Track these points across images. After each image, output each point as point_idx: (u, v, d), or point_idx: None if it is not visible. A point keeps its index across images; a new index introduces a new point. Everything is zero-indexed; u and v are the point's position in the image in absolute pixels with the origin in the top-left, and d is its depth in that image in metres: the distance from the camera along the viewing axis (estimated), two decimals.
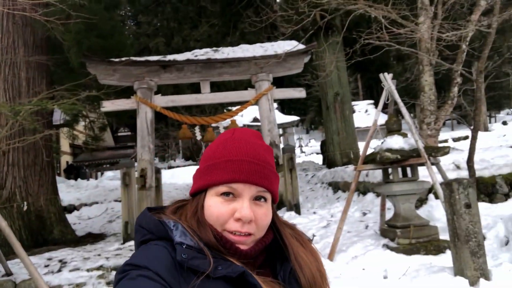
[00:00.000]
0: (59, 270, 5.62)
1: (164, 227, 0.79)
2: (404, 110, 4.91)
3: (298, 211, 7.53)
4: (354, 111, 27.32)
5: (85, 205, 10.86)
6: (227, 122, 11.49)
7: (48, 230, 7.98)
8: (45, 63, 8.50)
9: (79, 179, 16.26)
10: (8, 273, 5.07)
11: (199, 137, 9.65)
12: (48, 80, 8.75)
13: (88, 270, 5.59)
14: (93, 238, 8.28)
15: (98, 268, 5.63)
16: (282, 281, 0.83)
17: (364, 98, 39.91)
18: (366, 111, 33.91)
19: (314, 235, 1.19)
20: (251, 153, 0.83)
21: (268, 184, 0.82)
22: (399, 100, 4.92)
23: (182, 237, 0.78)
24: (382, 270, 4.02)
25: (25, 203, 8.02)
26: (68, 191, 12.01)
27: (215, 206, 0.81)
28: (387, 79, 5.04)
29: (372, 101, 35.07)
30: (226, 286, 0.74)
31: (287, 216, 7.22)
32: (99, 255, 6.21)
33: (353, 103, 29.94)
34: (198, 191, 0.85)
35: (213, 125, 9.46)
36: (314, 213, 7.40)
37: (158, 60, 8.45)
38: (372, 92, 40.08)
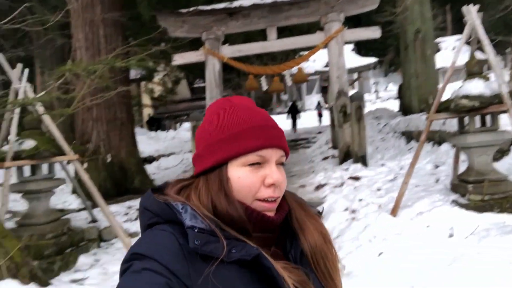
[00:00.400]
0: (136, 218, 6.19)
1: (172, 210, 0.75)
2: (489, 47, 4.26)
3: (365, 163, 7.26)
4: (438, 50, 24.75)
5: (163, 156, 11.63)
6: (294, 69, 11.18)
7: (129, 180, 8.73)
8: (120, 20, 8.84)
9: (159, 131, 17.37)
10: (94, 220, 5.70)
11: (264, 88, 9.58)
12: (122, 37, 9.14)
13: None
14: None
15: None
16: (294, 261, 0.80)
17: (452, 33, 35.83)
18: (454, 48, 30.57)
19: (323, 208, 1.13)
20: (266, 117, 0.82)
21: (287, 147, 0.83)
22: (484, 37, 4.27)
23: (193, 220, 0.73)
24: (448, 228, 3.75)
25: (109, 155, 8.81)
26: (149, 143, 12.91)
27: (245, 176, 0.77)
28: (472, 12, 4.38)
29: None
30: (239, 269, 0.72)
31: (353, 168, 7.01)
32: None
33: (439, 39, 26.94)
34: (215, 166, 0.78)
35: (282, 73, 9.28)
36: (382, 165, 7.07)
37: (224, 7, 8.34)
38: (463, 26, 35.70)
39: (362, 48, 34.89)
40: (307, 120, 20.76)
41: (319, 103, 22.02)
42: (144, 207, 0.79)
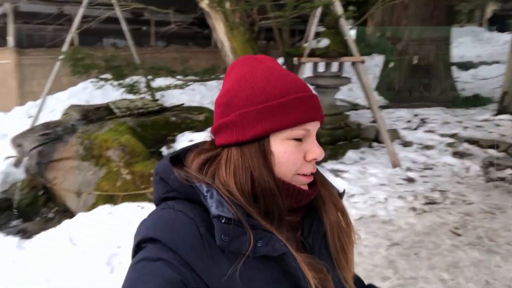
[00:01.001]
0: (416, 128, 6.00)
1: (196, 192, 0.67)
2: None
3: None
4: None
5: (485, 63, 10.01)
6: None
7: (433, 86, 8.26)
8: None
9: (496, 33, 14.66)
10: (375, 121, 5.96)
11: None
12: None
13: (441, 135, 5.65)
14: (473, 102, 7.82)
15: (452, 136, 5.56)
16: (310, 249, 0.76)
17: None
18: None
19: (345, 190, 0.76)
20: (307, 86, 0.74)
21: (323, 118, 0.77)
22: None
23: (219, 208, 0.65)
24: None
25: (416, 57, 8.48)
26: (473, 45, 11.32)
27: (291, 151, 0.70)
28: None
29: None
30: (261, 263, 0.67)
31: None
32: (460, 122, 5.99)
33: None
34: (256, 138, 0.70)
35: None
36: None
37: None
38: None
39: None
40: None
41: None
42: (161, 177, 0.72)
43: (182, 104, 5.74)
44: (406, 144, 5.51)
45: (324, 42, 5.02)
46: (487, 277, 2.67)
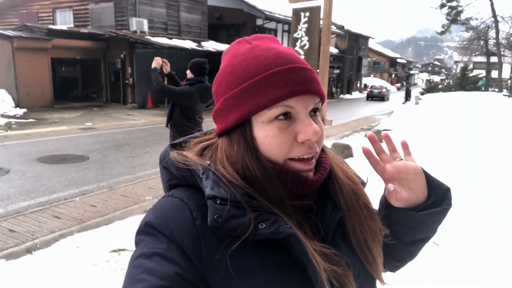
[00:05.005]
0: None
1: (193, 175, 0.65)
2: None
3: None
4: None
5: None
6: None
7: None
8: None
9: None
10: None
11: None
12: None
13: None
14: None
15: None
16: (324, 236, 0.68)
17: None
18: None
19: (367, 179, 0.70)
20: (292, 57, 0.66)
21: (322, 90, 0.67)
22: None
23: (215, 188, 0.62)
24: None
25: None
26: None
27: (273, 134, 0.64)
28: None
29: None
30: (264, 248, 0.61)
31: None
32: None
33: None
34: (237, 124, 0.67)
35: None
36: None
37: None
38: None
39: None
40: None
41: None
42: (163, 165, 0.71)
43: None
44: None
45: None
46: None
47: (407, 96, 30.26)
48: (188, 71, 4.23)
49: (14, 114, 13.38)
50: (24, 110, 14.26)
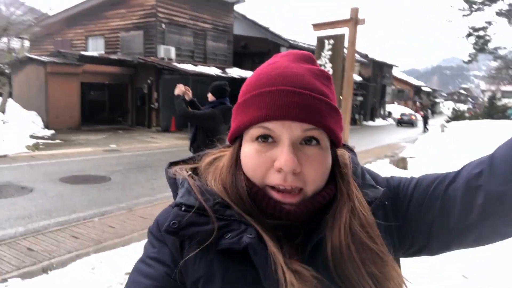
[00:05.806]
0: None
1: (177, 185, 0.70)
2: None
3: None
4: None
5: None
6: None
7: None
8: None
9: None
10: None
11: None
12: None
13: None
14: None
15: None
16: (307, 257, 0.63)
17: None
18: None
19: None
20: (292, 79, 0.62)
21: (319, 119, 0.61)
22: None
23: (185, 196, 0.65)
24: None
25: None
26: None
27: (251, 155, 0.63)
28: None
29: None
30: (232, 257, 0.60)
31: None
32: None
33: None
34: (234, 137, 0.69)
35: None
36: None
37: None
38: None
39: None
40: None
41: None
42: (167, 180, 0.74)
43: None
44: None
45: None
46: None
47: (425, 124, 28.92)
48: (209, 94, 4.28)
49: (42, 135, 13.78)
50: (52, 131, 14.70)
